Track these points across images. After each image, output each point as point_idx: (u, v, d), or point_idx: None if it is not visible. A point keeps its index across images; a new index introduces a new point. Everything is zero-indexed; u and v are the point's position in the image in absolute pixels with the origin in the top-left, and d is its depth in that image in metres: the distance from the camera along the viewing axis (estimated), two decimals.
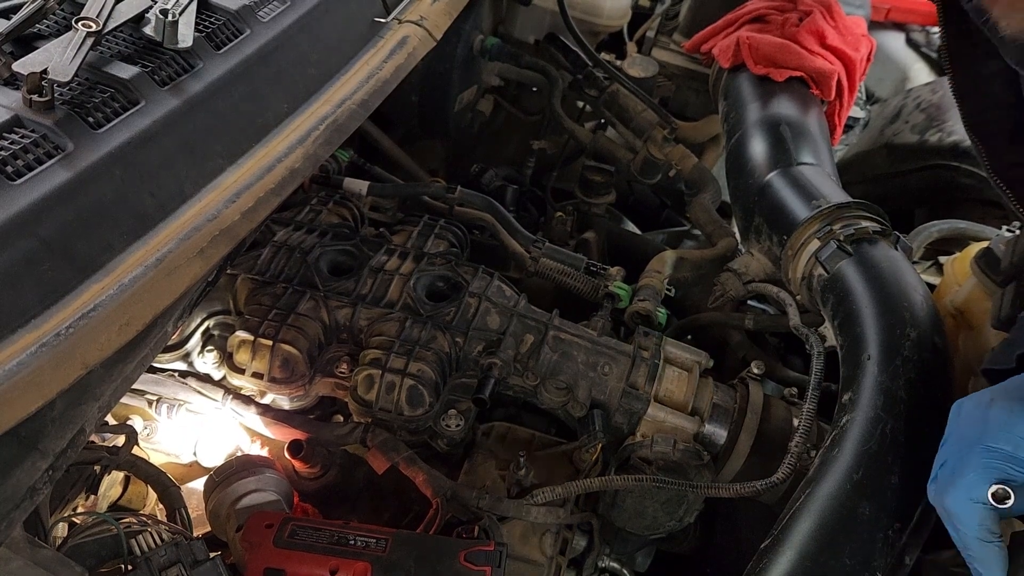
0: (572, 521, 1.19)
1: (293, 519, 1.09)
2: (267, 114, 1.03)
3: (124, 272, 0.79)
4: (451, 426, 1.24)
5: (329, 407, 1.36)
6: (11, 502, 0.71)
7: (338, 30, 1.18)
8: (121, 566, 0.99)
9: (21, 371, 0.68)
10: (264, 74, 1.04)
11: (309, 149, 1.02)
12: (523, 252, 1.50)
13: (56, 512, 1.09)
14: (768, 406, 1.25)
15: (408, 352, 1.23)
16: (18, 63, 0.81)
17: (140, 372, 0.92)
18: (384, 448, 1.21)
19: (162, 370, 1.34)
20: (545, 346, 1.28)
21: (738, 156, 1.52)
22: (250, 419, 1.30)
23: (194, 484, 1.30)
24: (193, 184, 0.91)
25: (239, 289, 1.35)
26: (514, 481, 1.21)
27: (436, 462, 1.24)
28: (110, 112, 0.85)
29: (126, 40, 0.94)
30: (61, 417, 0.76)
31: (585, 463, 1.24)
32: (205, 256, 0.86)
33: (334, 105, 1.09)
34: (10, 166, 0.75)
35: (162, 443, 1.33)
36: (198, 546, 0.97)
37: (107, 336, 0.75)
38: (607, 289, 1.43)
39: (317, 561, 1.02)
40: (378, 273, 1.35)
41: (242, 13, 1.04)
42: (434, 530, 1.13)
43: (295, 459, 1.24)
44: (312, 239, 1.41)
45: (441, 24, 1.34)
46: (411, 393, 1.21)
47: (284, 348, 1.24)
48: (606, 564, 1.26)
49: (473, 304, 1.31)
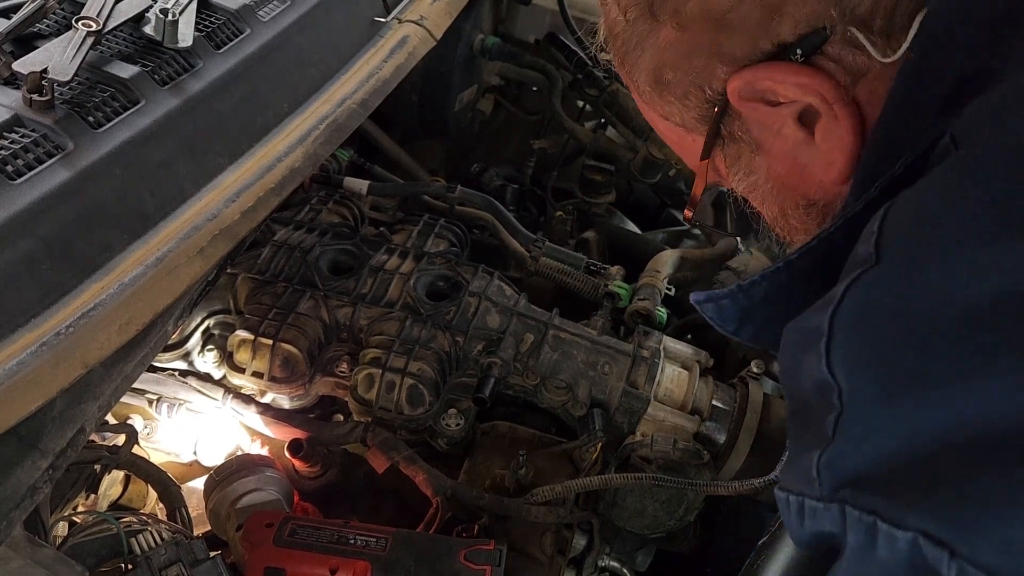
0: (572, 520, 1.19)
1: (293, 518, 1.09)
2: (267, 113, 1.03)
3: (124, 271, 0.79)
4: (451, 425, 1.24)
5: (329, 406, 1.36)
6: (11, 501, 0.71)
7: (338, 30, 1.18)
8: (121, 565, 0.99)
9: (21, 370, 0.68)
10: (264, 74, 1.04)
11: (309, 148, 1.02)
12: (523, 251, 1.50)
13: (56, 511, 1.09)
14: (768, 405, 1.25)
15: (408, 351, 1.23)
16: (18, 62, 0.81)
17: (140, 371, 0.92)
18: (384, 447, 1.21)
19: (162, 369, 1.34)
20: (545, 345, 1.28)
21: None
22: (250, 418, 1.30)
23: (194, 483, 1.30)
24: (193, 183, 0.91)
25: (239, 288, 1.35)
26: (514, 480, 1.21)
27: (436, 461, 1.24)
28: (110, 111, 0.86)
29: (126, 39, 0.94)
30: (61, 416, 0.76)
31: (585, 462, 1.23)
32: (205, 255, 0.86)
33: (334, 104, 1.09)
34: (10, 165, 0.75)
35: (162, 442, 1.33)
36: (198, 545, 0.97)
37: (107, 335, 0.75)
38: (607, 288, 1.43)
39: (317, 560, 1.02)
40: (378, 272, 1.35)
41: (242, 13, 1.05)
42: (434, 529, 1.13)
43: (295, 458, 1.24)
44: (312, 238, 1.41)
45: (441, 24, 1.34)
46: (411, 392, 1.21)
47: (284, 347, 1.24)
48: (606, 563, 1.26)
49: (473, 303, 1.31)
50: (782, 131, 0.58)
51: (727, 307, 0.61)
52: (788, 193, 0.64)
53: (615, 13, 0.61)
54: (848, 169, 0.57)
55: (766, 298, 0.59)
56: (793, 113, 0.56)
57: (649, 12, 0.57)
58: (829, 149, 0.57)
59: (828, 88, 0.53)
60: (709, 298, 0.63)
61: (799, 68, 0.53)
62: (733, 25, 0.54)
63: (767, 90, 0.56)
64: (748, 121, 0.60)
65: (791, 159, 0.60)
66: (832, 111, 0.54)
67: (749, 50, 0.55)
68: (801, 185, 0.62)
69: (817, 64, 0.53)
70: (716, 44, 0.56)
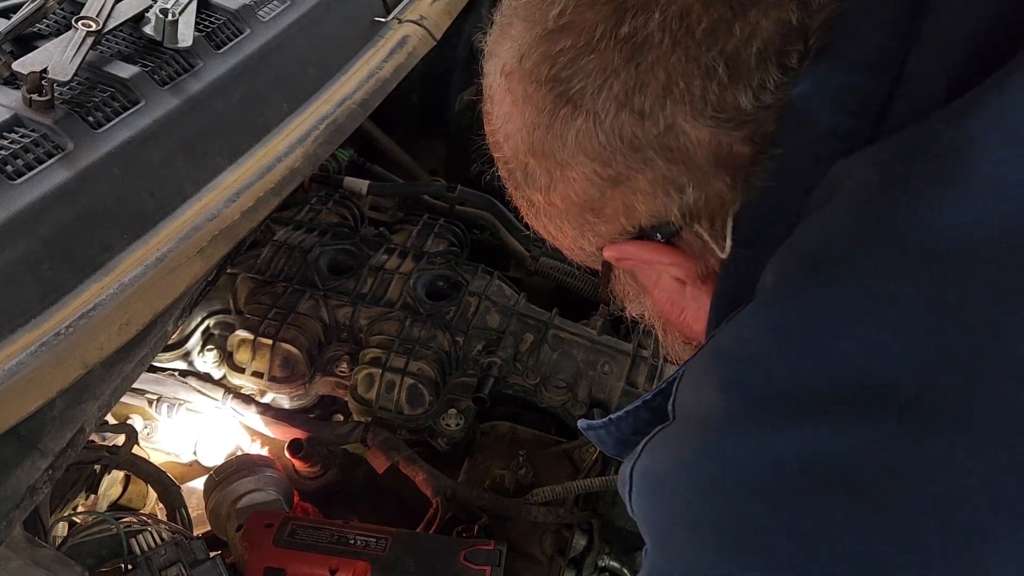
0: (572, 520, 1.19)
1: (293, 518, 1.09)
2: (267, 113, 1.03)
3: (124, 271, 0.79)
4: (451, 425, 1.24)
5: (329, 406, 1.36)
6: (11, 501, 0.71)
7: (338, 30, 1.18)
8: (121, 565, 0.99)
9: (21, 370, 0.68)
10: (264, 74, 1.04)
11: (309, 148, 1.02)
12: (523, 251, 1.50)
13: (56, 511, 1.09)
14: None
15: (408, 351, 1.23)
16: (18, 62, 0.80)
17: (140, 371, 0.92)
18: (384, 447, 1.21)
19: (162, 369, 1.34)
20: (545, 345, 1.28)
21: None
22: (250, 418, 1.30)
23: (194, 483, 1.30)
24: (193, 183, 0.91)
25: (239, 288, 1.35)
26: (514, 480, 1.21)
27: (436, 461, 1.24)
28: (110, 111, 0.85)
29: (126, 39, 0.94)
30: (61, 416, 0.76)
31: (585, 462, 1.23)
32: (205, 255, 0.86)
33: (334, 105, 1.09)
34: (10, 165, 0.75)
35: (162, 442, 1.33)
36: (198, 545, 0.97)
37: (107, 335, 0.75)
38: None
39: (317, 560, 1.02)
40: (378, 272, 1.35)
41: (242, 12, 1.04)
42: (434, 529, 1.13)
43: (295, 458, 1.24)
44: (312, 238, 1.41)
45: (441, 24, 1.34)
46: (411, 392, 1.21)
47: (284, 347, 1.24)
48: (606, 563, 1.26)
49: (473, 303, 1.31)
50: (659, 282, 0.65)
51: (603, 436, 0.64)
52: (670, 329, 0.71)
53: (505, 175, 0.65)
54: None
55: (636, 431, 0.62)
56: (667, 270, 0.62)
57: (525, 182, 0.61)
58: (698, 307, 0.62)
59: (688, 267, 0.59)
60: (589, 427, 0.66)
61: (661, 248, 0.59)
62: (597, 210, 0.58)
63: (639, 259, 0.61)
64: (633, 270, 0.66)
65: (671, 301, 0.66)
66: (695, 282, 0.60)
67: (616, 230, 0.59)
68: (679, 325, 0.68)
69: (677, 245, 0.59)
70: (585, 220, 0.60)
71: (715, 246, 0.57)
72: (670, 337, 0.72)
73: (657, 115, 0.51)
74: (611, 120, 0.52)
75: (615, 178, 0.55)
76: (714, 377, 0.48)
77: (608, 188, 0.56)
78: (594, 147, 0.54)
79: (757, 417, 0.44)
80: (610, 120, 0.52)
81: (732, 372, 0.47)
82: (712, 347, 0.51)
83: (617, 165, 0.54)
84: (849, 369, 0.41)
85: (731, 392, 0.46)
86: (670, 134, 0.52)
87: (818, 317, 0.43)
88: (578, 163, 0.56)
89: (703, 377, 0.50)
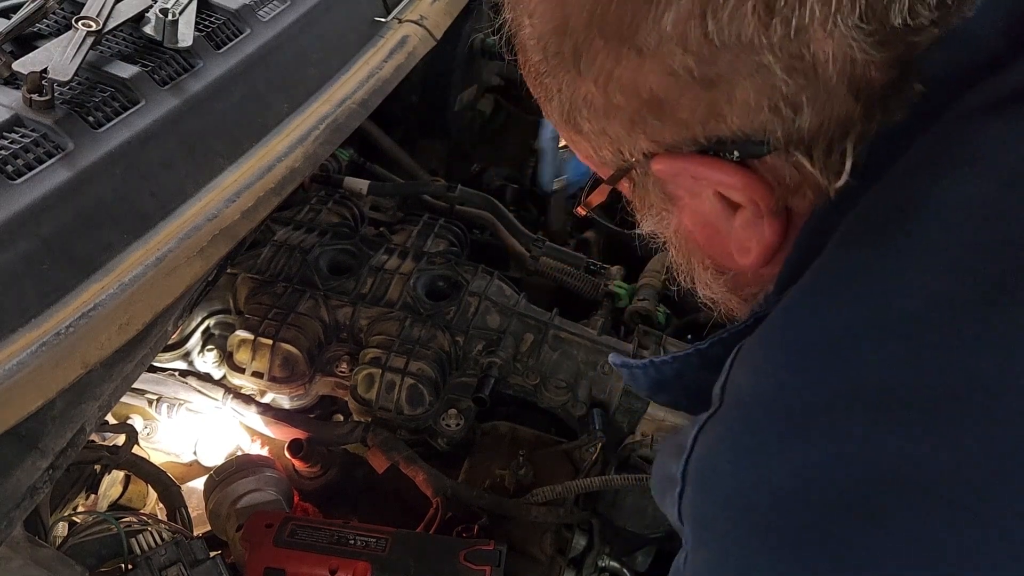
0: (572, 520, 1.19)
1: (293, 518, 1.09)
2: (267, 114, 1.03)
3: (124, 271, 0.79)
4: (451, 425, 1.24)
5: (329, 406, 1.36)
6: (11, 501, 0.71)
7: (338, 30, 1.18)
8: (121, 565, 0.99)
9: (21, 370, 0.68)
10: (264, 74, 1.04)
11: (309, 148, 1.02)
12: (523, 251, 1.50)
13: (56, 511, 1.09)
14: None
15: (408, 351, 1.23)
16: (18, 62, 0.80)
17: (140, 371, 0.92)
18: (384, 447, 1.21)
19: (162, 369, 1.34)
20: (545, 345, 1.28)
21: None
22: (250, 418, 1.30)
23: (194, 483, 1.30)
24: (193, 183, 0.91)
25: (239, 288, 1.35)
26: (514, 480, 1.21)
27: (436, 461, 1.24)
28: (110, 111, 0.85)
29: (126, 39, 0.94)
30: (61, 416, 0.76)
31: (585, 462, 1.23)
32: (205, 255, 0.86)
33: (334, 105, 1.09)
34: (10, 165, 0.75)
35: (162, 442, 1.33)
36: (198, 545, 0.97)
37: (107, 335, 0.75)
38: (607, 288, 1.43)
39: (317, 561, 1.02)
40: (378, 272, 1.35)
41: (242, 12, 1.04)
42: (434, 529, 1.13)
43: (295, 458, 1.24)
44: (312, 238, 1.41)
45: (441, 24, 1.34)
46: (411, 392, 1.21)
47: (284, 347, 1.24)
48: (606, 563, 1.26)
49: (473, 303, 1.31)
50: (700, 195, 0.53)
51: (639, 376, 0.60)
52: (695, 250, 0.60)
53: (534, 54, 0.53)
54: (762, 260, 0.53)
55: (679, 375, 0.58)
56: (715, 189, 0.52)
57: (572, 63, 0.50)
58: (747, 237, 0.53)
59: (762, 195, 0.50)
60: (624, 364, 0.61)
61: (734, 168, 0.49)
62: (667, 110, 0.48)
63: (695, 174, 0.51)
64: (665, 180, 0.55)
65: (705, 222, 0.55)
66: (759, 211, 0.51)
67: (681, 138, 0.49)
68: (710, 249, 0.58)
69: (752, 167, 0.49)
70: (643, 120, 0.50)
71: (823, 180, 0.48)
72: (694, 260, 0.61)
73: (791, 12, 0.41)
74: (731, 8, 0.42)
75: (711, 80, 0.45)
76: (781, 366, 0.43)
77: (698, 89, 0.46)
78: (696, 38, 0.44)
79: (836, 420, 0.40)
80: (730, 8, 0.42)
81: (806, 362, 0.42)
82: (780, 323, 0.45)
83: (721, 65, 0.44)
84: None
85: (807, 389, 0.41)
86: (800, 39, 0.42)
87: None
88: (667, 53, 0.45)
89: (768, 365, 0.44)
